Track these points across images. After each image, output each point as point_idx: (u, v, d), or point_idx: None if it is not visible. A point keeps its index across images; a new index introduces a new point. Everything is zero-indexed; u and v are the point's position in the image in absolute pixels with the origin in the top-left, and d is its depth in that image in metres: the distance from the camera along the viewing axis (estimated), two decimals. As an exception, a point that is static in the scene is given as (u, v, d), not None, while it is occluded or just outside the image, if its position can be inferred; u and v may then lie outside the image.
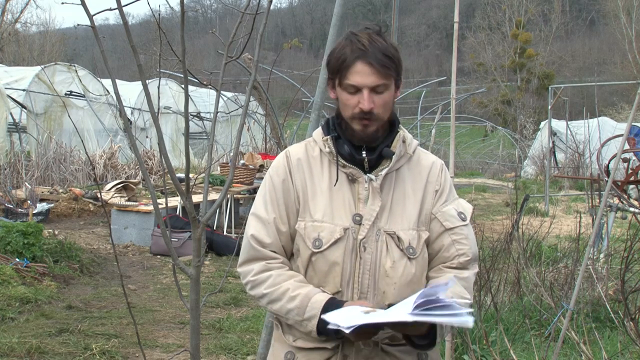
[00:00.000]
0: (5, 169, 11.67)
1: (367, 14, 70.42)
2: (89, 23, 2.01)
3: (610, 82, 30.98)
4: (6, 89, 13.48)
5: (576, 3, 60.53)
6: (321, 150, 1.90)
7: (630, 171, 7.47)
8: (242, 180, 9.69)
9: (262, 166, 10.75)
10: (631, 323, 3.57)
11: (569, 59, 48.86)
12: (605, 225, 6.47)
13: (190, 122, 18.86)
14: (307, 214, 1.85)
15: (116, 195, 10.75)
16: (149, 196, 5.84)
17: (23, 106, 14.05)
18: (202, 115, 20.21)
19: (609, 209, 6.66)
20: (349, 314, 1.68)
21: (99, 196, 10.89)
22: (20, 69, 17.09)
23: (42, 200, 10.29)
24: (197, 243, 2.24)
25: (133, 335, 4.96)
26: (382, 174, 1.85)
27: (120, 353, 4.67)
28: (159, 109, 2.34)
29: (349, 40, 1.81)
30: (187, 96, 2.28)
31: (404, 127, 1.94)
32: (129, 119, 16.94)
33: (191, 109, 19.32)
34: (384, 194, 1.85)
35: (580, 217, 5.65)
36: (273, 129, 10.87)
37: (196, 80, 6.00)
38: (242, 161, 10.64)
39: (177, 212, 8.78)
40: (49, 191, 11.25)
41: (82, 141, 3.71)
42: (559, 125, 19.70)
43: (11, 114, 13.28)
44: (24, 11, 39.73)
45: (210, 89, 4.68)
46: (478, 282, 4.05)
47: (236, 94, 20.49)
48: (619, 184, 7.32)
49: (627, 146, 8.61)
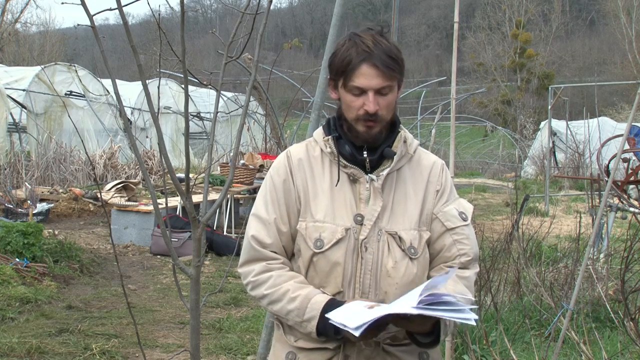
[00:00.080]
0: (5, 169, 11.67)
1: (367, 14, 70.43)
2: (89, 23, 2.01)
3: (610, 82, 31.00)
4: (6, 89, 13.48)
5: (576, 3, 60.54)
6: (322, 151, 1.90)
7: (630, 171, 7.47)
8: (242, 180, 9.69)
9: (262, 166, 10.75)
10: (631, 323, 3.57)
11: (569, 59, 48.88)
12: (605, 225, 6.47)
13: (190, 122, 18.86)
14: (309, 214, 1.85)
15: (116, 195, 10.75)
16: (149, 196, 5.84)
17: (23, 106, 14.06)
18: (202, 115, 20.21)
19: (609, 209, 6.66)
20: (352, 311, 1.68)
21: (99, 196, 10.89)
22: (20, 69, 17.09)
23: (42, 200, 10.29)
24: (197, 243, 2.24)
25: (133, 335, 4.96)
26: (384, 174, 1.84)
27: (120, 353, 4.67)
28: (159, 109, 2.34)
29: (353, 41, 1.80)
30: (187, 96, 2.28)
31: (404, 127, 1.94)
32: (129, 119, 16.93)
33: (191, 109, 19.31)
34: (385, 194, 1.85)
35: (580, 217, 5.66)
36: (273, 129, 10.88)
37: (196, 80, 6.00)
38: (242, 161, 10.65)
39: (177, 212, 8.78)
40: (49, 191, 11.25)
41: (82, 141, 3.71)
42: (559, 125, 19.70)
43: (11, 114, 13.28)
44: (24, 11, 39.77)
45: (210, 89, 4.68)
46: (478, 282, 4.05)
47: (236, 94, 20.50)
48: (619, 184, 7.31)
49: (627, 146, 8.61)
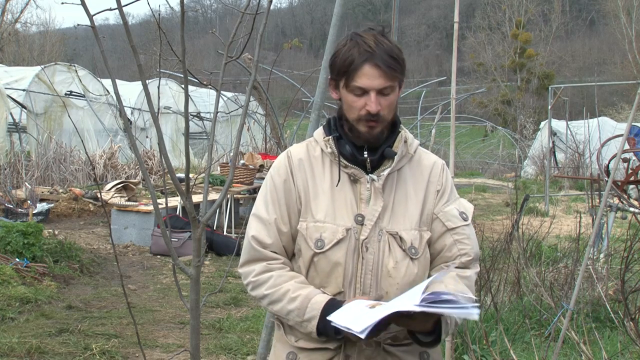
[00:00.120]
0: (5, 169, 11.67)
1: (367, 14, 70.43)
2: (89, 23, 2.01)
3: (610, 82, 31.01)
4: (6, 89, 13.48)
5: (576, 3, 60.53)
6: (323, 151, 1.90)
7: (630, 171, 7.47)
8: (242, 180, 9.69)
9: (262, 166, 10.75)
10: (631, 323, 3.57)
11: (569, 59, 48.88)
12: (605, 225, 6.47)
13: (190, 122, 18.86)
14: (309, 215, 1.85)
15: (116, 195, 10.75)
16: (149, 196, 5.84)
17: (23, 106, 14.06)
18: (202, 115, 20.21)
19: (609, 209, 6.66)
20: (354, 312, 1.67)
21: (99, 196, 10.89)
22: (20, 69, 17.09)
23: (42, 200, 10.29)
24: (197, 243, 2.24)
25: (133, 335, 4.96)
26: (385, 174, 1.84)
27: (120, 353, 4.67)
28: (159, 109, 2.34)
29: (354, 41, 1.79)
30: (187, 96, 2.28)
31: (404, 127, 1.93)
32: (129, 119, 16.94)
33: (191, 109, 19.31)
34: (385, 194, 1.85)
35: (580, 217, 5.66)
36: (273, 129, 10.88)
37: (196, 80, 6.00)
38: (242, 161, 10.65)
39: (177, 212, 8.78)
40: (49, 191, 11.25)
41: (82, 141, 3.71)
42: (559, 125, 19.70)
43: (11, 114, 13.28)
44: (24, 11, 39.78)
45: (210, 89, 4.68)
46: (478, 282, 4.05)
47: (236, 94, 20.50)
48: (619, 184, 7.31)
49: (627, 146, 8.61)
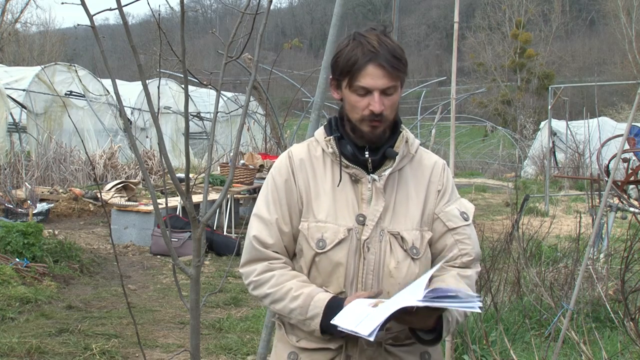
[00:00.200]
0: (5, 169, 11.67)
1: (367, 14, 70.43)
2: (89, 23, 2.01)
3: (610, 82, 31.01)
4: (6, 89, 13.48)
5: (576, 3, 60.49)
6: (324, 151, 1.89)
7: (630, 171, 7.46)
8: (242, 180, 9.69)
9: (262, 166, 10.75)
10: (631, 323, 3.56)
11: (569, 59, 48.87)
12: (605, 225, 6.47)
13: (190, 122, 18.86)
14: (311, 215, 1.85)
15: (116, 195, 10.75)
16: (149, 196, 5.84)
17: (23, 106, 14.06)
18: (202, 115, 20.21)
19: (609, 209, 6.66)
20: (357, 313, 1.67)
21: (99, 196, 10.89)
22: (20, 69, 17.09)
23: (42, 200, 10.29)
24: (197, 243, 2.24)
25: (133, 335, 4.96)
26: (386, 174, 1.84)
27: (120, 353, 4.67)
28: (159, 109, 2.34)
29: (357, 41, 1.79)
30: (187, 96, 2.27)
31: (405, 127, 1.93)
32: (129, 119, 16.94)
33: (191, 109, 19.32)
34: (387, 195, 1.85)
35: (580, 217, 5.65)
36: (273, 129, 10.88)
37: (196, 80, 6.00)
38: (242, 161, 10.64)
39: (177, 212, 8.78)
40: (49, 191, 11.25)
41: (82, 141, 3.71)
42: (559, 125, 19.70)
43: (11, 114, 13.28)
44: (24, 11, 39.75)
45: (210, 89, 4.68)
46: (478, 282, 4.05)
47: (236, 94, 20.50)
48: (619, 184, 7.31)
49: (627, 146, 8.61)
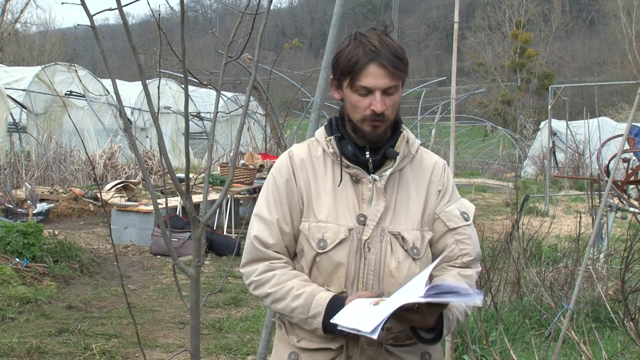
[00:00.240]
0: (5, 169, 11.67)
1: (367, 14, 70.41)
2: (89, 23, 2.01)
3: (610, 82, 31.01)
4: (6, 89, 13.48)
5: (576, 3, 60.49)
6: (324, 151, 1.89)
7: (630, 171, 7.46)
8: (242, 180, 9.69)
9: (262, 166, 10.75)
10: (631, 323, 3.56)
11: (569, 59, 48.87)
12: (605, 225, 6.47)
13: (190, 122, 18.86)
14: (312, 215, 1.84)
15: (116, 195, 10.75)
16: (149, 196, 5.84)
17: (23, 106, 14.06)
18: (202, 115, 20.20)
19: (609, 209, 6.66)
20: (359, 312, 1.67)
21: (99, 196, 10.89)
22: (20, 69, 17.09)
23: (42, 200, 10.29)
24: (197, 243, 2.24)
25: (133, 335, 4.96)
26: (386, 174, 1.84)
27: (120, 353, 4.67)
28: (159, 109, 2.34)
29: (359, 41, 1.78)
30: (187, 96, 2.27)
31: (406, 127, 1.93)
32: (129, 119, 16.94)
33: (191, 109, 19.31)
34: (387, 195, 1.85)
35: (580, 217, 5.66)
36: (273, 129, 10.88)
37: (196, 80, 6.00)
38: (242, 161, 10.64)
39: (177, 212, 8.78)
40: (49, 191, 11.25)
41: (82, 141, 3.71)
42: (559, 125, 19.70)
43: (11, 114, 13.28)
44: (24, 11, 39.77)
45: (210, 89, 4.68)
46: (478, 282, 4.05)
47: (236, 94, 20.49)
48: (619, 184, 7.31)
49: (627, 146, 8.61)
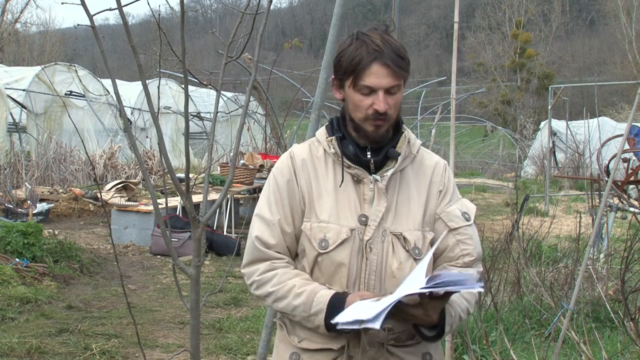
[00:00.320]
0: (5, 169, 11.67)
1: (367, 14, 70.38)
2: (89, 23, 2.01)
3: (610, 82, 31.01)
4: (6, 89, 13.48)
5: (576, 3, 60.51)
6: (325, 151, 1.89)
7: (630, 171, 7.46)
8: (242, 180, 9.69)
9: (262, 166, 10.75)
10: (631, 323, 3.56)
11: (569, 59, 48.88)
12: (605, 225, 6.47)
13: (190, 122, 18.86)
14: (313, 215, 1.84)
15: (116, 195, 10.75)
16: (149, 196, 5.84)
17: (23, 106, 14.06)
18: (202, 115, 20.20)
19: (609, 209, 6.66)
20: (359, 308, 1.66)
21: (99, 196, 10.89)
22: (20, 69, 17.09)
23: (42, 200, 10.29)
24: (197, 243, 2.24)
25: (133, 335, 4.96)
26: (388, 174, 1.84)
27: (120, 353, 4.67)
28: (159, 109, 2.34)
29: (361, 40, 1.78)
30: (187, 96, 2.27)
31: (407, 128, 1.93)
32: (129, 119, 16.94)
33: (191, 109, 19.31)
34: (389, 195, 1.84)
35: (580, 217, 5.66)
36: (273, 129, 10.87)
37: (196, 80, 6.00)
38: (242, 161, 10.64)
39: (177, 212, 8.78)
40: (49, 191, 11.25)
41: (82, 141, 3.71)
42: (559, 125, 19.70)
43: (11, 114, 13.28)
44: (24, 11, 39.82)
45: (210, 89, 4.68)
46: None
47: (236, 94, 20.48)
48: (619, 184, 7.31)
49: (627, 146, 8.61)
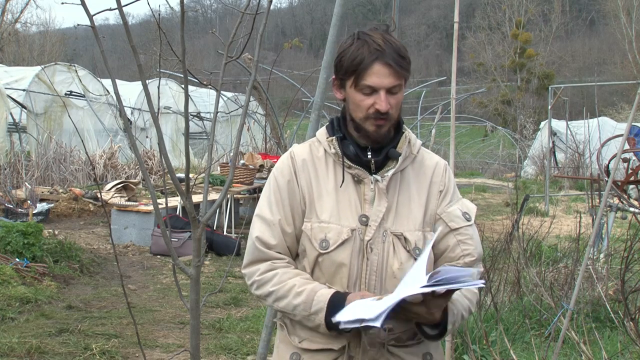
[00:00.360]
0: (5, 169, 11.67)
1: (367, 14, 70.36)
2: (89, 23, 2.01)
3: (610, 82, 31.02)
4: (6, 89, 13.48)
5: (576, 3, 60.50)
6: (326, 151, 1.89)
7: (630, 171, 7.46)
8: (242, 180, 9.69)
9: (262, 166, 10.75)
10: (631, 323, 3.56)
11: (569, 59, 48.89)
12: (605, 225, 6.47)
13: (190, 122, 18.86)
14: (314, 215, 1.84)
15: (116, 195, 10.75)
16: (149, 196, 5.84)
17: (23, 106, 14.06)
18: (202, 115, 20.20)
19: (609, 209, 6.66)
20: (360, 307, 1.66)
21: (99, 196, 10.89)
22: (20, 69, 17.09)
23: (42, 200, 10.29)
24: (197, 243, 2.24)
25: (133, 335, 4.96)
26: (389, 175, 1.84)
27: (120, 353, 4.67)
28: (159, 109, 2.34)
29: (363, 40, 1.78)
30: (187, 96, 2.27)
31: (407, 128, 1.93)
32: (129, 119, 16.94)
33: (191, 109, 19.31)
34: (389, 195, 1.84)
35: (580, 217, 5.66)
36: (273, 129, 10.87)
37: (196, 80, 6.00)
38: (242, 161, 10.64)
39: (177, 212, 8.78)
40: (49, 191, 11.25)
41: (82, 141, 3.71)
42: (559, 125, 19.70)
43: (11, 114, 13.28)
44: (24, 11, 39.81)
45: (210, 89, 4.67)
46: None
47: (236, 94, 20.48)
48: (619, 184, 7.31)
49: (627, 146, 8.60)
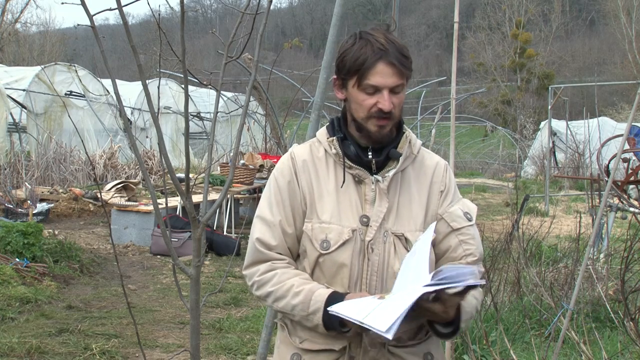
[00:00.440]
0: (5, 169, 11.67)
1: (367, 14, 70.34)
2: (89, 23, 2.01)
3: (610, 82, 31.03)
4: (6, 89, 13.48)
5: (576, 3, 60.49)
6: (326, 152, 1.89)
7: (630, 171, 7.46)
8: (242, 180, 9.69)
9: (262, 166, 10.75)
10: (631, 323, 3.57)
11: (569, 59, 48.89)
12: (605, 225, 6.47)
13: (190, 122, 18.86)
14: (315, 216, 1.84)
15: (116, 195, 10.75)
16: (149, 196, 5.84)
17: (23, 106, 14.06)
18: (202, 115, 20.20)
19: (609, 209, 6.66)
20: (361, 304, 1.64)
21: (99, 196, 10.89)
22: (20, 69, 17.09)
23: (42, 200, 10.29)
24: (197, 243, 2.24)
25: (133, 335, 4.96)
26: (389, 175, 1.84)
27: (120, 353, 4.67)
28: (159, 109, 2.34)
29: (365, 39, 1.78)
30: (187, 96, 2.27)
31: (408, 128, 1.93)
32: (129, 119, 16.94)
33: (191, 109, 19.31)
34: (390, 196, 1.84)
35: (580, 217, 5.66)
36: (273, 129, 10.87)
37: (196, 80, 6.00)
38: (242, 161, 10.64)
39: (177, 212, 8.78)
40: (49, 191, 11.25)
41: (82, 141, 3.71)
42: (559, 125, 19.70)
43: (11, 114, 13.27)
44: (24, 11, 39.78)
45: (210, 89, 4.68)
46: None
47: (236, 94, 20.48)
48: (619, 184, 7.31)
49: (627, 146, 8.60)
